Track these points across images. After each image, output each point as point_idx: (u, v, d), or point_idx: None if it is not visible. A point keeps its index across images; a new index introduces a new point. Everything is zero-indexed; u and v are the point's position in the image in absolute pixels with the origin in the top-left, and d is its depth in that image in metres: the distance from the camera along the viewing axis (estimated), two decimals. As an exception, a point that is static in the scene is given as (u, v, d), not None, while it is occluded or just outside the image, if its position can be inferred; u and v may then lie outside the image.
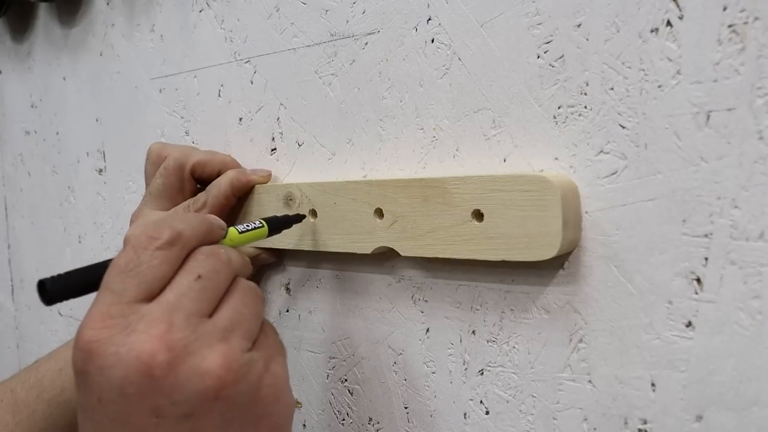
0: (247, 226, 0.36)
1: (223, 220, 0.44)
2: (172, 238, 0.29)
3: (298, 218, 0.40)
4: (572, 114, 0.32)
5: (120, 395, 0.26)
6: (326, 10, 0.42)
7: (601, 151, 0.31)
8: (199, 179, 0.47)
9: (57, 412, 0.45)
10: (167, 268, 0.28)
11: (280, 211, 0.42)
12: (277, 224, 0.38)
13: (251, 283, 0.31)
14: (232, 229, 0.34)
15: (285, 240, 0.42)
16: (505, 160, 0.34)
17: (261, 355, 0.29)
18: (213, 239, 0.31)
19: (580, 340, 0.32)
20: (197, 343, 0.27)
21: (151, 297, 0.28)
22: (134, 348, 0.26)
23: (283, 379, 0.30)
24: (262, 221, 0.37)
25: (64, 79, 0.70)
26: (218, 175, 0.45)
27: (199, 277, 0.28)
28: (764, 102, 0.26)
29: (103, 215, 0.66)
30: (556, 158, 0.32)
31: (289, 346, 0.47)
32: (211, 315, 0.28)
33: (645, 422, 0.30)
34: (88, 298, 0.29)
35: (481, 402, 0.36)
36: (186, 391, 0.26)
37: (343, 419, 0.44)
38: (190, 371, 0.26)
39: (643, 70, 0.29)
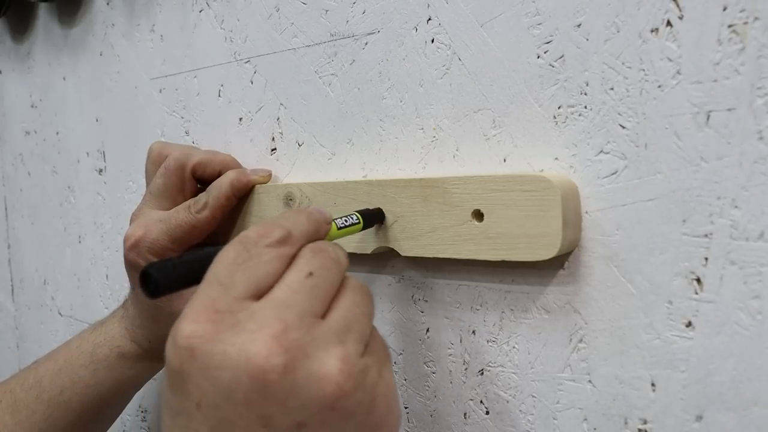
0: (345, 220, 0.34)
1: (224, 220, 0.45)
2: (283, 236, 0.27)
3: (381, 213, 0.37)
4: (572, 114, 0.32)
5: (226, 401, 0.23)
6: (326, 10, 0.42)
7: (601, 151, 0.31)
8: (200, 179, 0.46)
9: (57, 412, 0.45)
10: (278, 265, 0.26)
11: (280, 211, 0.42)
12: (369, 218, 0.36)
13: (361, 283, 0.29)
14: (332, 223, 0.33)
15: (285, 240, 0.42)
16: (505, 160, 0.34)
17: (374, 360, 0.26)
18: (320, 236, 0.30)
19: (580, 340, 0.32)
20: (313, 346, 0.24)
21: (260, 294, 0.26)
22: (246, 348, 0.23)
23: (394, 388, 0.27)
24: (358, 216, 0.35)
25: (64, 79, 0.70)
26: (219, 175, 0.45)
27: (311, 274, 0.26)
28: (764, 102, 0.26)
29: (103, 215, 0.66)
30: (556, 158, 0.32)
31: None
32: (323, 315, 0.26)
33: (645, 422, 0.30)
34: (87, 299, 0.29)
35: (481, 402, 0.36)
36: (302, 399, 0.23)
37: (343, 419, 0.44)
38: (307, 376, 0.24)
39: (643, 70, 0.29)
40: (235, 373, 0.23)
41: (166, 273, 0.26)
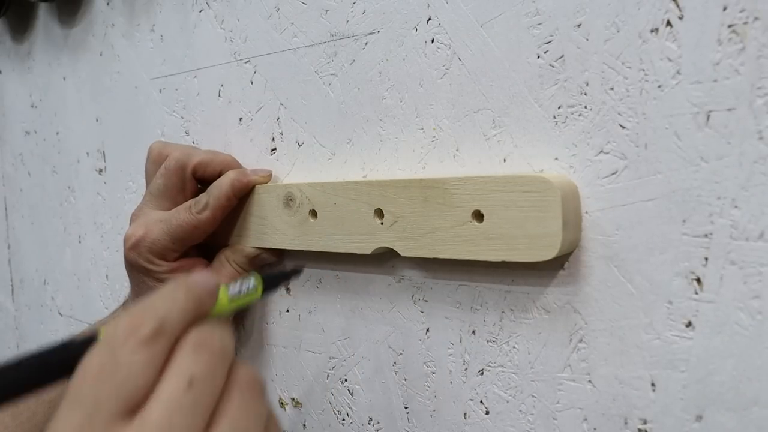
0: (240, 289, 0.29)
1: (224, 220, 0.45)
2: (154, 329, 0.23)
3: (296, 273, 0.35)
4: (572, 114, 0.32)
5: None
6: (326, 10, 0.42)
7: (601, 151, 0.31)
8: (200, 179, 0.47)
9: None
10: (151, 372, 0.22)
11: (281, 212, 0.42)
12: (272, 282, 0.32)
13: (249, 373, 0.25)
14: (222, 291, 0.28)
15: (285, 240, 0.42)
16: (505, 160, 0.34)
17: None
18: (202, 313, 0.26)
19: (580, 340, 0.32)
20: None
21: (133, 410, 0.22)
22: None
23: None
24: (256, 281, 0.30)
25: (64, 79, 0.70)
26: (219, 175, 0.45)
27: (191, 384, 0.23)
28: (764, 102, 0.26)
29: (103, 215, 0.66)
30: (556, 158, 0.32)
31: (289, 346, 0.47)
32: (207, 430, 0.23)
33: (645, 422, 0.30)
34: (87, 299, 0.28)
35: (481, 402, 0.36)
36: None
37: (343, 419, 0.44)
38: None
39: (643, 70, 0.29)
40: None
41: (2, 377, 0.22)
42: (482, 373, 0.36)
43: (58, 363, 0.23)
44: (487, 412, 0.36)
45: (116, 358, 0.22)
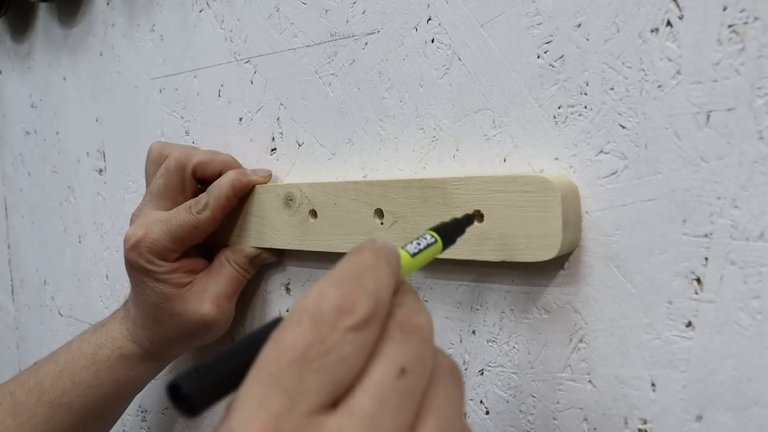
0: (418, 244, 0.27)
1: (224, 220, 0.45)
2: (369, 313, 0.20)
3: (468, 219, 0.31)
4: (572, 114, 0.32)
5: None
6: (326, 10, 0.42)
7: (601, 151, 0.31)
8: (200, 179, 0.47)
9: (58, 414, 0.45)
10: (362, 358, 0.20)
11: (281, 212, 0.42)
12: (450, 233, 0.29)
13: (450, 361, 0.23)
14: (402, 252, 0.25)
15: (285, 240, 0.42)
16: (505, 160, 0.34)
17: None
18: (398, 281, 0.23)
19: (580, 340, 0.32)
20: None
21: (337, 401, 0.19)
22: None
23: None
24: (433, 235, 0.28)
25: (64, 79, 0.70)
26: (219, 175, 0.45)
27: (403, 371, 0.20)
28: (764, 102, 0.26)
29: (103, 215, 0.66)
30: (556, 158, 0.32)
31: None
32: (414, 425, 0.20)
33: (645, 422, 0.30)
34: (87, 299, 0.28)
35: (481, 402, 0.36)
36: None
37: (344, 419, 0.44)
38: None
39: (643, 70, 0.29)
40: None
41: (200, 384, 0.20)
42: (482, 373, 0.36)
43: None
44: (487, 412, 0.36)
45: (325, 341, 0.19)
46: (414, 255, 0.26)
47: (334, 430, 0.19)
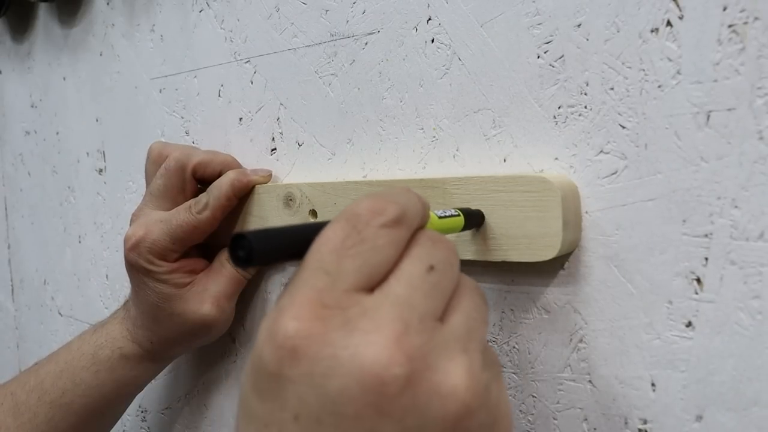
0: (444, 212, 0.30)
1: (224, 220, 0.45)
2: (399, 216, 0.23)
3: (481, 215, 0.33)
4: (572, 114, 0.32)
5: (331, 414, 0.20)
6: (326, 10, 0.42)
7: (601, 151, 0.31)
8: (200, 179, 0.47)
9: (59, 414, 0.45)
10: (394, 252, 0.22)
11: (281, 212, 0.42)
12: (470, 217, 0.31)
13: (475, 283, 0.25)
14: (431, 213, 0.28)
15: (285, 240, 0.42)
16: (505, 160, 0.34)
17: (493, 374, 0.23)
18: (426, 220, 0.26)
19: (580, 340, 0.32)
20: (436, 355, 0.21)
21: (372, 286, 0.22)
22: (360, 353, 0.20)
23: (511, 408, 0.24)
24: (458, 210, 0.31)
25: (64, 79, 0.70)
26: (219, 175, 0.45)
27: (432, 268, 0.23)
28: (764, 102, 0.26)
29: (103, 215, 0.66)
30: (556, 158, 0.32)
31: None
32: (442, 319, 0.23)
33: (645, 422, 0.30)
34: (87, 299, 0.28)
35: (481, 402, 0.36)
36: (421, 418, 0.20)
37: (344, 419, 0.44)
38: (430, 391, 0.20)
39: (643, 70, 0.29)
40: (345, 383, 0.19)
41: (264, 241, 0.22)
42: (482, 373, 0.36)
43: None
44: (488, 412, 0.36)
45: (361, 233, 0.22)
46: (440, 218, 0.29)
47: (370, 306, 0.21)
